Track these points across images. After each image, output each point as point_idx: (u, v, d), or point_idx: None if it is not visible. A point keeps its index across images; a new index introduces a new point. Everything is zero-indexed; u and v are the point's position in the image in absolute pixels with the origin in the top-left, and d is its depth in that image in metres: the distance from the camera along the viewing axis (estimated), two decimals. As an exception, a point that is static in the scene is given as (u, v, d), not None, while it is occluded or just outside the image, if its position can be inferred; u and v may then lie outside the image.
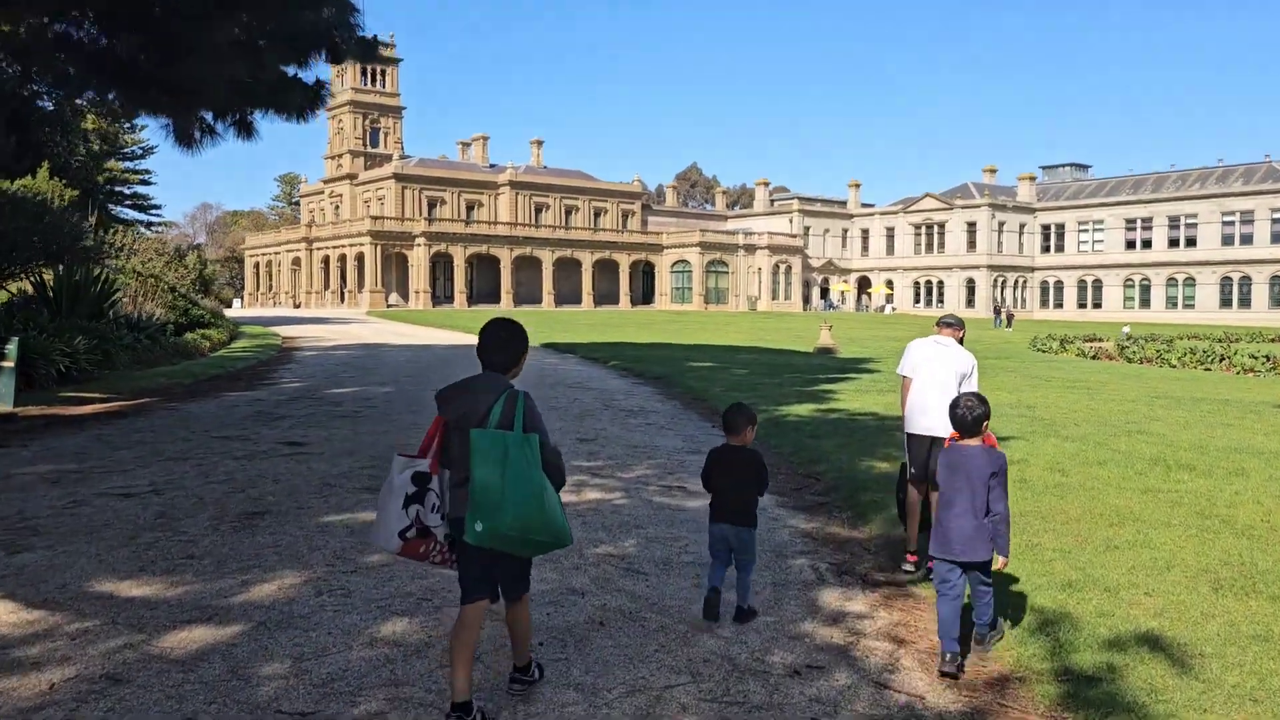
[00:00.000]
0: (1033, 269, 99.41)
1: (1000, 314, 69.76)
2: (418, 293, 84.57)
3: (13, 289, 26.76)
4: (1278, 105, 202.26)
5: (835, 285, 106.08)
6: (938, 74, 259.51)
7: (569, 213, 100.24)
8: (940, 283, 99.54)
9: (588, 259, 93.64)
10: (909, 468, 7.67)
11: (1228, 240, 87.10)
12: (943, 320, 7.81)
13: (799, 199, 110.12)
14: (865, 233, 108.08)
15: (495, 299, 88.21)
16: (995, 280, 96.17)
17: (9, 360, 15.61)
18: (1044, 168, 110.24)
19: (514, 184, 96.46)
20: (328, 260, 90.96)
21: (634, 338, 40.83)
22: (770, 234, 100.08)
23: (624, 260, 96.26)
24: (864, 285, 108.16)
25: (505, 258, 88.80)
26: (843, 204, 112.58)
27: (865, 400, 17.76)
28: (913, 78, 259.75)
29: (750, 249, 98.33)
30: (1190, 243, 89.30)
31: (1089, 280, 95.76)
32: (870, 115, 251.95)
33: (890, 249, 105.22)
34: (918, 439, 7.55)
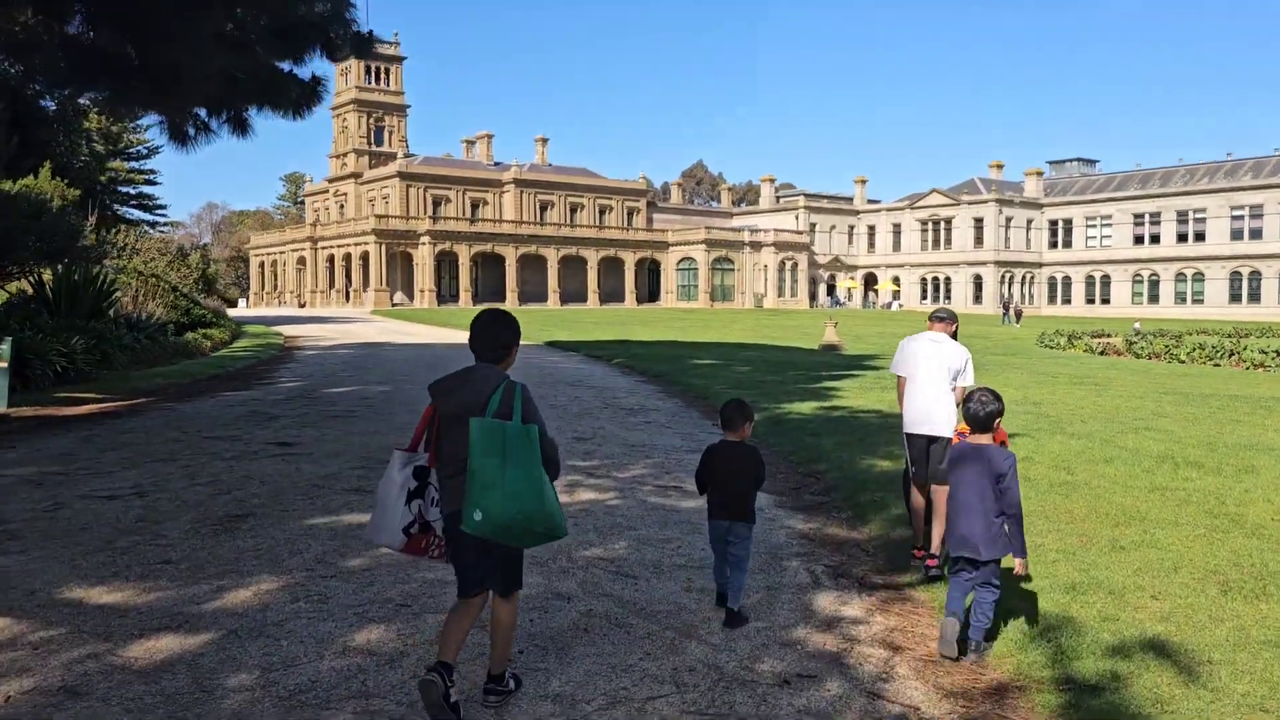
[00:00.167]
0: (1040, 265, 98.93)
1: (1009, 310, 69.32)
2: (423, 292, 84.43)
3: (12, 289, 26.68)
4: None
5: (842, 282, 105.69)
6: (944, 69, 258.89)
7: (574, 210, 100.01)
8: (947, 279, 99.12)
9: (593, 257, 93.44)
10: (910, 468, 7.48)
11: (1237, 235, 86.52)
12: (934, 314, 7.62)
13: (805, 195, 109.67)
14: (872, 229, 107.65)
15: (500, 297, 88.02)
16: (1002, 276, 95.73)
17: (3, 360, 15.46)
18: (1051, 163, 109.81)
19: (519, 182, 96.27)
20: (333, 259, 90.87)
21: (638, 335, 40.63)
22: (776, 231, 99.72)
23: (629, 258, 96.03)
24: (870, 282, 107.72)
25: (510, 256, 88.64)
26: (849, 200, 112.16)
27: (869, 398, 17.53)
28: (919, 73, 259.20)
29: (756, 246, 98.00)
30: (1199, 237, 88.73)
31: (1097, 276, 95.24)
32: (876, 111, 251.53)
33: (897, 245, 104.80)
34: (915, 439, 7.38)
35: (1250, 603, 6.05)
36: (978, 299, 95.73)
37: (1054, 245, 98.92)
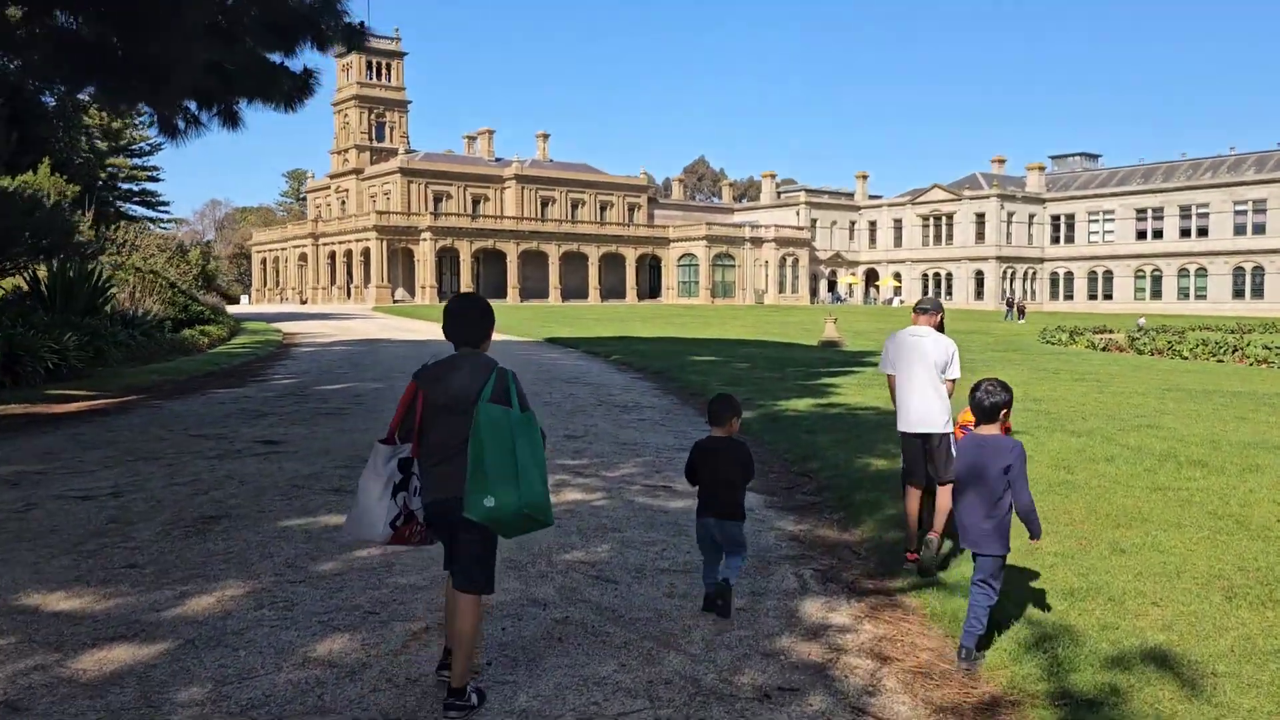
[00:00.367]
0: (1042, 260, 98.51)
1: (1012, 306, 68.92)
2: (424, 288, 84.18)
3: (7, 285, 26.47)
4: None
5: (843, 277, 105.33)
6: (946, 64, 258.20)
7: (575, 206, 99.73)
8: (949, 274, 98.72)
9: (594, 253, 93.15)
10: (905, 465, 7.28)
11: (1240, 230, 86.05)
12: (918, 306, 7.38)
13: (806, 191, 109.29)
14: (873, 224, 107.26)
15: (501, 293, 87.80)
16: (1004, 272, 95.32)
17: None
18: (1053, 157, 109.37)
19: (520, 178, 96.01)
20: (334, 256, 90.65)
21: (638, 332, 40.38)
22: (777, 226, 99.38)
23: (630, 254, 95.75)
24: (871, 277, 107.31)
25: (511, 252, 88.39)
26: (850, 195, 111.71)
27: (867, 395, 17.28)
28: (921, 68, 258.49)
29: (757, 242, 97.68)
30: (1202, 232, 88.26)
31: (1099, 271, 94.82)
32: (878, 106, 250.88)
33: (898, 241, 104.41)
34: (909, 437, 7.18)
35: (1256, 610, 5.79)
36: (979, 295, 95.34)
37: (1056, 240, 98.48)
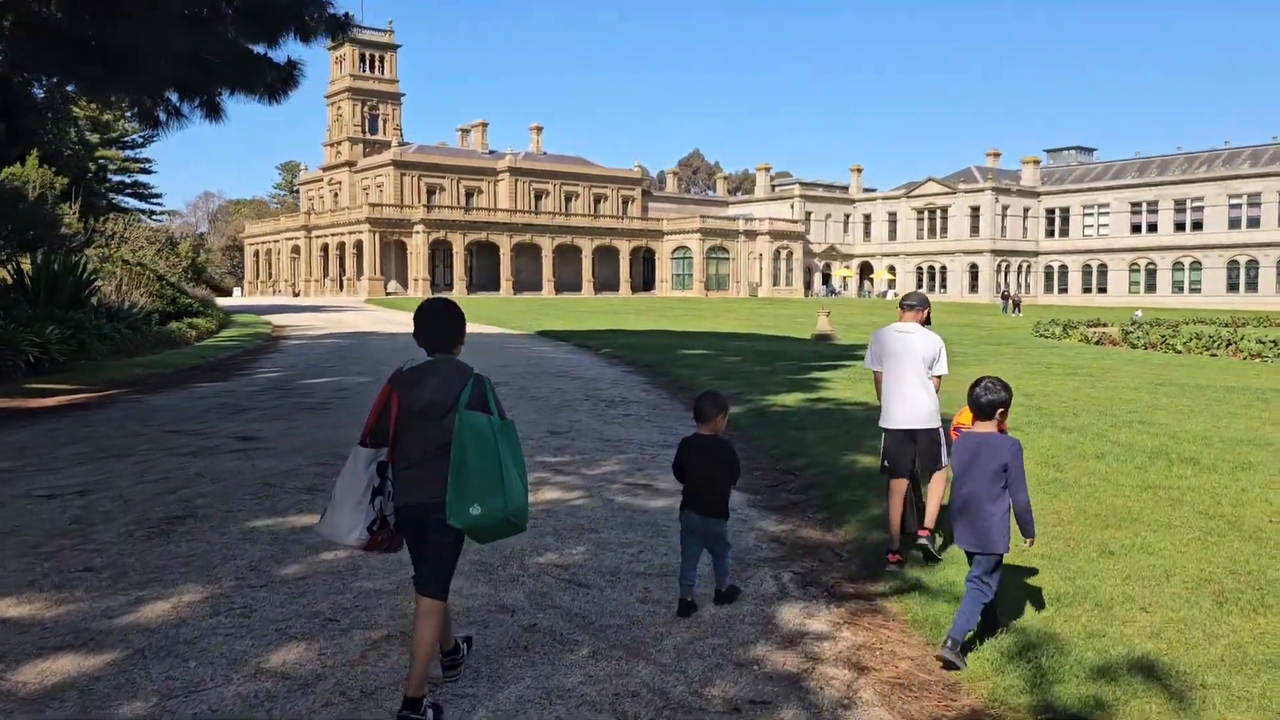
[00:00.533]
0: (1037, 254, 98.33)
1: (1009, 300, 68.74)
2: (417, 280, 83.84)
3: (-8, 278, 26.21)
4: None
5: (837, 271, 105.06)
6: (941, 58, 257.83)
7: (569, 199, 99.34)
8: (943, 268, 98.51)
9: (588, 246, 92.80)
10: (884, 462, 7.18)
11: (1234, 223, 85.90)
12: (903, 302, 7.25)
13: (800, 184, 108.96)
14: (867, 218, 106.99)
15: (495, 286, 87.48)
16: (999, 265, 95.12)
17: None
18: (1048, 151, 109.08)
19: (513, 170, 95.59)
20: (326, 248, 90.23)
21: (630, 325, 40.17)
22: (771, 220, 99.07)
23: (624, 247, 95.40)
24: (866, 271, 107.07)
25: (505, 245, 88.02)
26: (845, 189, 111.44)
27: (857, 389, 17.08)
28: (916, 61, 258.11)
29: (751, 235, 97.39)
30: (1196, 226, 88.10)
31: (1094, 265, 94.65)
32: (873, 100, 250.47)
33: (893, 234, 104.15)
34: (894, 433, 7.06)
35: (1248, 616, 5.61)
36: (974, 288, 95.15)
37: (1051, 234, 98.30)
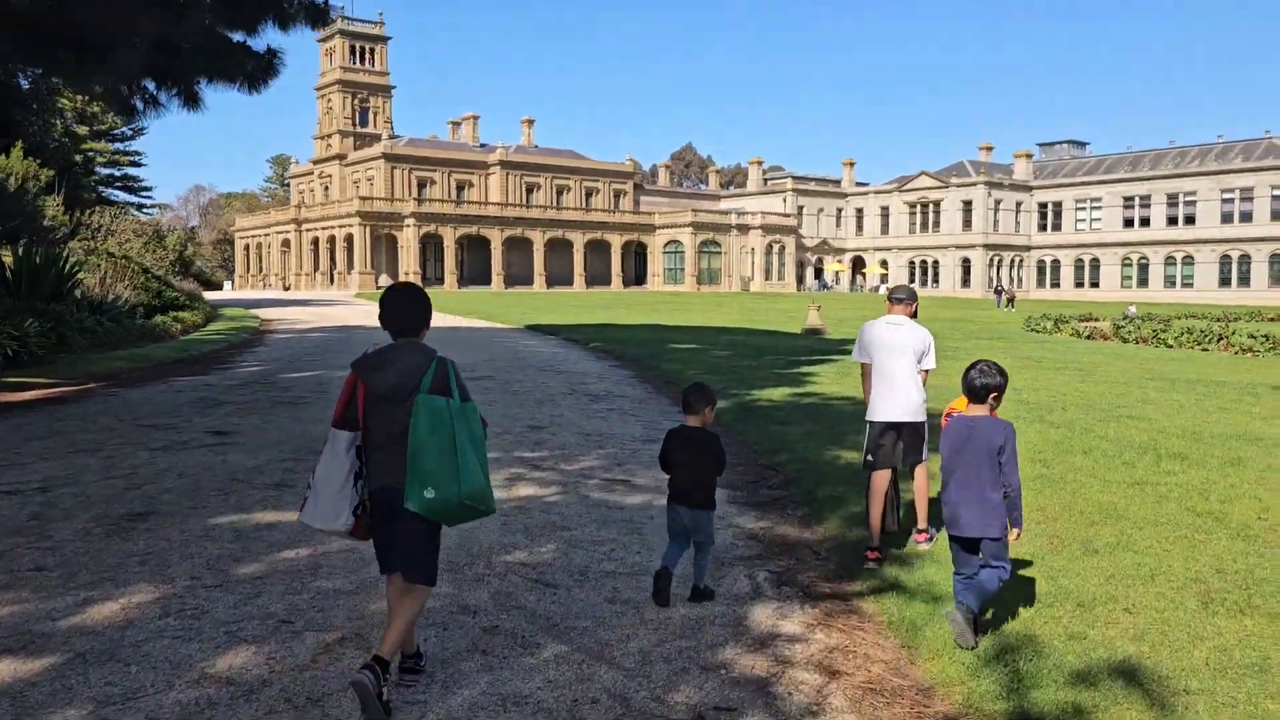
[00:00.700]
0: (1029, 248, 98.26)
1: (1002, 295, 68.61)
2: (407, 274, 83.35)
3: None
4: (1278, 81, 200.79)
5: (829, 265, 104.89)
6: (935, 51, 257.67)
7: (560, 193, 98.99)
8: (935, 262, 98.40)
9: (579, 240, 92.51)
10: (866, 456, 7.06)
11: (1227, 218, 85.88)
12: (892, 295, 7.16)
13: (793, 178, 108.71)
14: (860, 212, 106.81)
15: (486, 280, 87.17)
16: (991, 260, 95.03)
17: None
18: (1041, 145, 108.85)
19: (505, 164, 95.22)
20: (317, 242, 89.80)
21: (621, 319, 39.97)
22: (764, 214, 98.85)
23: (616, 241, 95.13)
24: (858, 265, 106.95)
25: (496, 239, 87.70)
26: (837, 183, 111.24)
27: (844, 384, 16.91)
28: (909, 55, 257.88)
29: (743, 229, 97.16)
30: (1189, 221, 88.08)
31: (1086, 259, 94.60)
32: (866, 93, 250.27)
33: (885, 228, 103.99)
34: (880, 426, 6.99)
35: (1233, 618, 5.43)
36: (966, 282, 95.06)
37: (1043, 228, 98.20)
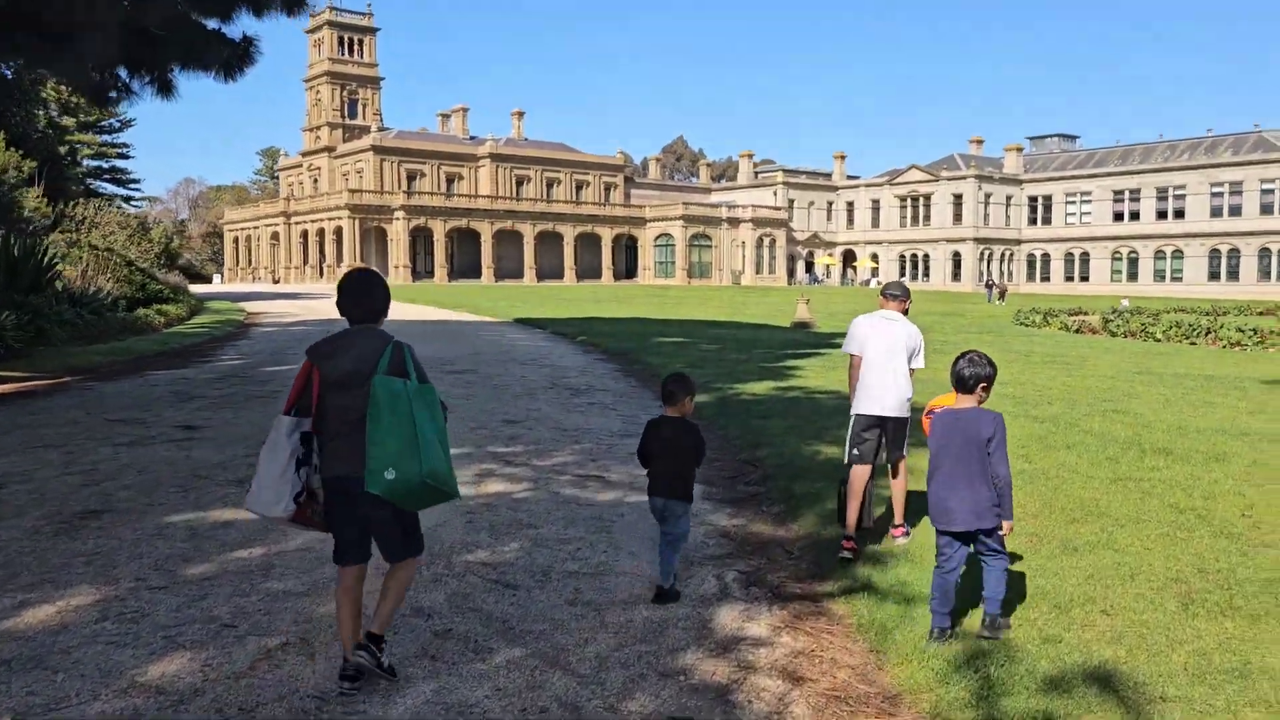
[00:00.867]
0: (1020, 241, 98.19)
1: (993, 289, 68.53)
2: (397, 267, 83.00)
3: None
4: (1267, 74, 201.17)
5: (820, 258, 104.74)
6: (925, 44, 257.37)
7: (550, 186, 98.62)
8: (926, 256, 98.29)
9: (569, 232, 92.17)
10: (850, 450, 6.96)
11: (1216, 212, 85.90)
12: (886, 290, 7.10)
13: (783, 171, 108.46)
14: (850, 205, 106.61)
15: (476, 273, 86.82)
16: (981, 253, 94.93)
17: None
18: (1031, 138, 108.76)
19: (495, 156, 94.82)
20: (306, 235, 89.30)
21: (611, 312, 39.74)
22: (754, 207, 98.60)
23: (606, 234, 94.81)
24: (849, 258, 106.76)
25: (486, 231, 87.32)
26: (828, 176, 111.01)
27: (829, 378, 16.73)
28: (900, 48, 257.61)
29: (734, 222, 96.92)
30: (1178, 214, 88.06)
31: (1076, 253, 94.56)
32: (856, 86, 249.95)
33: (876, 222, 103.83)
34: (865, 419, 6.92)
35: (1214, 620, 5.25)
36: (956, 276, 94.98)
37: (1033, 222, 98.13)
